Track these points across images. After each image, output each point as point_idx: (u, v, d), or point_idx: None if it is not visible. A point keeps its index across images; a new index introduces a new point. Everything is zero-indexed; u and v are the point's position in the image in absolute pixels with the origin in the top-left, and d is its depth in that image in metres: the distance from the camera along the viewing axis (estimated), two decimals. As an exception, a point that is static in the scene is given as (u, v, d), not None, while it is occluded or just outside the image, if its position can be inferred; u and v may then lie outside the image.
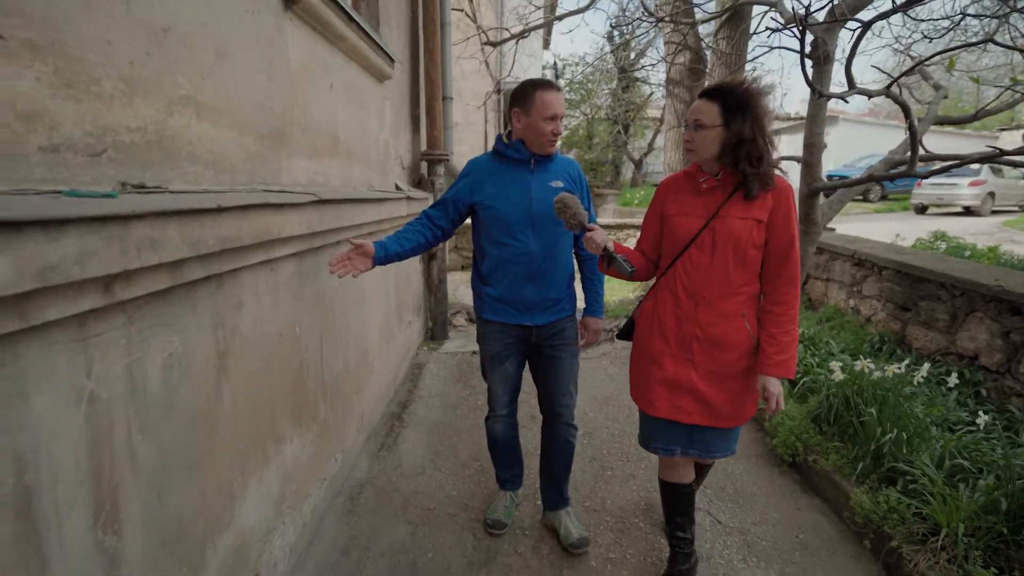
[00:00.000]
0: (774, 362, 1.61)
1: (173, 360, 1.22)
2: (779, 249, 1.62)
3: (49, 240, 0.80)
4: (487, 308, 2.03)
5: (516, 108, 1.88)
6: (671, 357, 1.72)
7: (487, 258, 2.00)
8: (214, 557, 1.40)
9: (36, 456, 0.87)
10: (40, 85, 0.96)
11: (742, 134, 1.55)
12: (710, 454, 1.79)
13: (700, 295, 1.67)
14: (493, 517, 2.20)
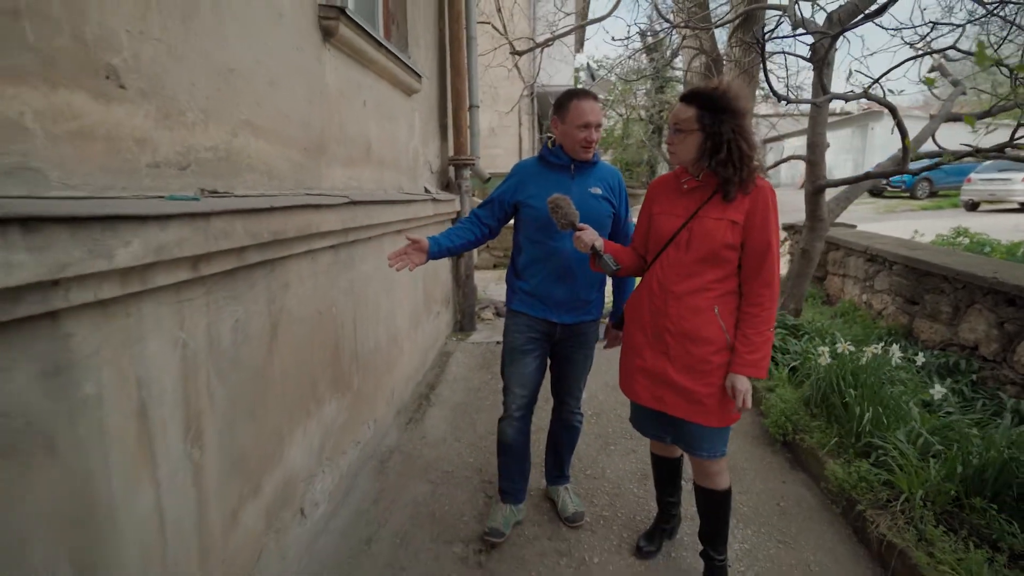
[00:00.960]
0: (745, 361, 1.62)
1: (238, 325, 1.59)
2: (755, 251, 1.63)
3: (161, 229, 1.16)
4: (517, 300, 2.12)
5: (555, 116, 1.99)
6: (649, 348, 1.78)
7: (523, 254, 2.10)
8: (268, 485, 1.76)
9: (150, 382, 1.24)
10: (147, 119, 1.33)
11: (720, 136, 1.58)
12: (693, 451, 1.79)
13: (671, 290, 1.71)
14: (492, 525, 2.16)
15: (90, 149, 1.15)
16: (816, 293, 5.21)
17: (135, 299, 1.18)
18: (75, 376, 1.05)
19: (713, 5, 5.50)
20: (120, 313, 1.15)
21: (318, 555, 2.05)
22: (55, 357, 1.01)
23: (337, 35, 2.32)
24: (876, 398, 2.47)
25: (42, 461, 0.99)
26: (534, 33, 11.45)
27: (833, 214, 4.12)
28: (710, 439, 1.76)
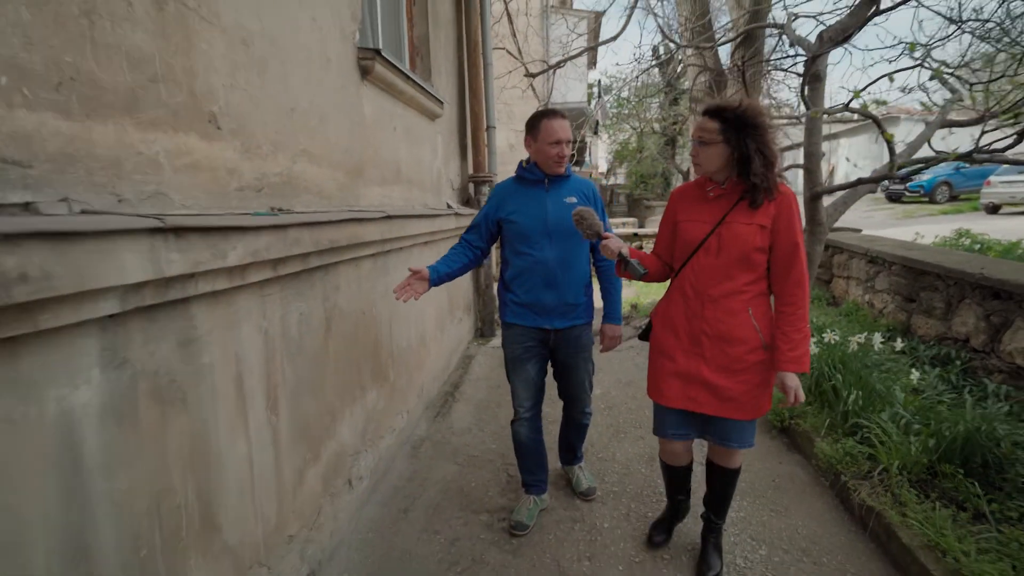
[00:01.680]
0: (788, 358, 1.70)
1: (302, 318, 1.93)
2: (783, 253, 1.71)
3: (256, 237, 1.51)
4: (510, 312, 2.24)
5: (528, 136, 2.14)
6: (682, 352, 1.84)
7: (510, 267, 2.22)
8: (325, 454, 2.09)
9: (243, 358, 1.58)
10: (235, 153, 1.69)
11: (744, 148, 1.66)
12: (724, 443, 1.88)
13: (707, 294, 1.77)
14: (516, 519, 2.30)
15: (198, 177, 1.50)
16: (823, 295, 5.41)
17: (235, 292, 1.53)
18: (198, 348, 1.39)
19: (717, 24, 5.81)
20: (225, 302, 1.50)
21: (363, 520, 2.37)
22: (187, 332, 1.35)
23: (373, 73, 2.69)
24: (860, 382, 2.71)
25: (179, 409, 1.33)
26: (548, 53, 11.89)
27: (831, 219, 4.34)
28: (741, 431, 1.86)
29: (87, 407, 1.08)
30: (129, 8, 1.27)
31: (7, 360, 0.93)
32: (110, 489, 1.13)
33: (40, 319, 0.95)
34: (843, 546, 2.16)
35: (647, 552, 2.17)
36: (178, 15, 1.42)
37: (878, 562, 2.05)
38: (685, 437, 1.95)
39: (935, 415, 2.46)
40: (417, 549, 2.20)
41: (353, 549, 2.19)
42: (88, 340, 1.08)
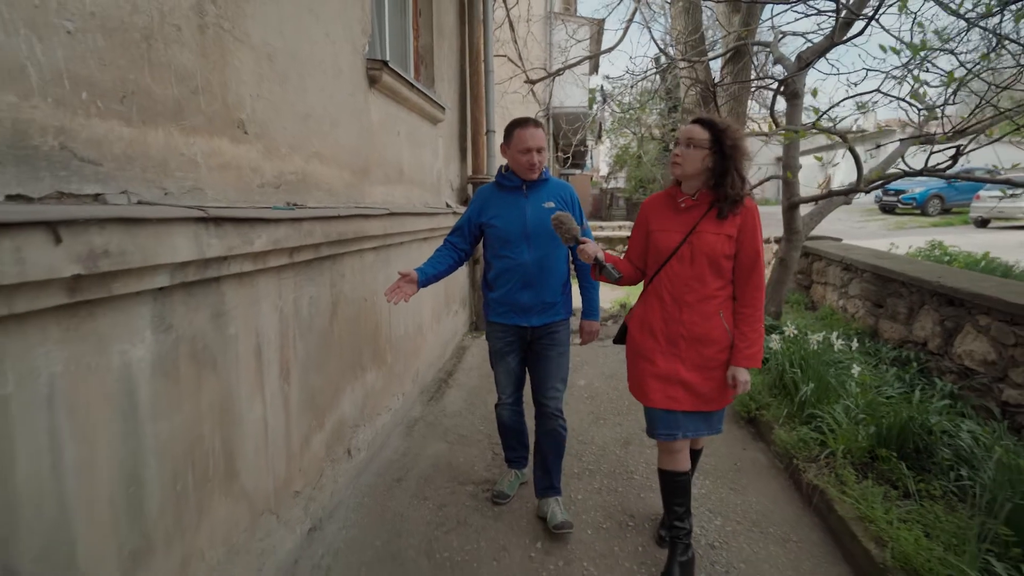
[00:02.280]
0: (744, 355, 1.85)
1: (312, 301, 2.18)
2: (747, 260, 1.86)
3: (276, 228, 1.76)
4: (492, 311, 2.36)
5: (503, 144, 2.24)
6: (661, 354, 1.94)
7: (492, 268, 2.33)
8: (328, 424, 2.34)
9: (262, 332, 1.83)
10: (258, 154, 1.93)
11: (723, 163, 1.81)
12: (697, 433, 2.01)
13: (683, 299, 1.89)
14: (499, 489, 2.54)
15: (228, 176, 1.75)
16: (802, 300, 5.67)
17: (257, 275, 1.78)
18: (226, 320, 1.64)
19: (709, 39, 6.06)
20: (249, 283, 1.75)
21: (360, 486, 2.62)
22: (218, 306, 1.60)
23: (380, 82, 2.94)
24: (817, 376, 2.96)
25: (210, 371, 1.58)
26: (549, 58, 12.15)
27: (807, 227, 4.61)
28: (709, 421, 2.02)
29: (142, 361, 1.33)
30: (179, 32, 1.52)
31: (88, 317, 1.18)
32: (156, 431, 1.38)
33: (113, 286, 1.20)
34: (789, 519, 2.41)
35: (614, 520, 2.42)
36: (216, 36, 1.67)
37: (818, 532, 2.31)
38: (671, 437, 1.99)
39: (880, 407, 2.72)
40: (408, 512, 2.45)
41: (351, 510, 2.44)
42: (144, 307, 1.33)
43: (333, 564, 2.11)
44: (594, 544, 2.26)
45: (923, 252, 6.42)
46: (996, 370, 2.99)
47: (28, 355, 1.05)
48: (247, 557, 1.78)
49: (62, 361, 1.12)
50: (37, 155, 1.11)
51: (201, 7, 1.61)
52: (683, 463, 2.05)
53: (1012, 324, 2.89)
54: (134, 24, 1.36)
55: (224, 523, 1.66)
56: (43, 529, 1.09)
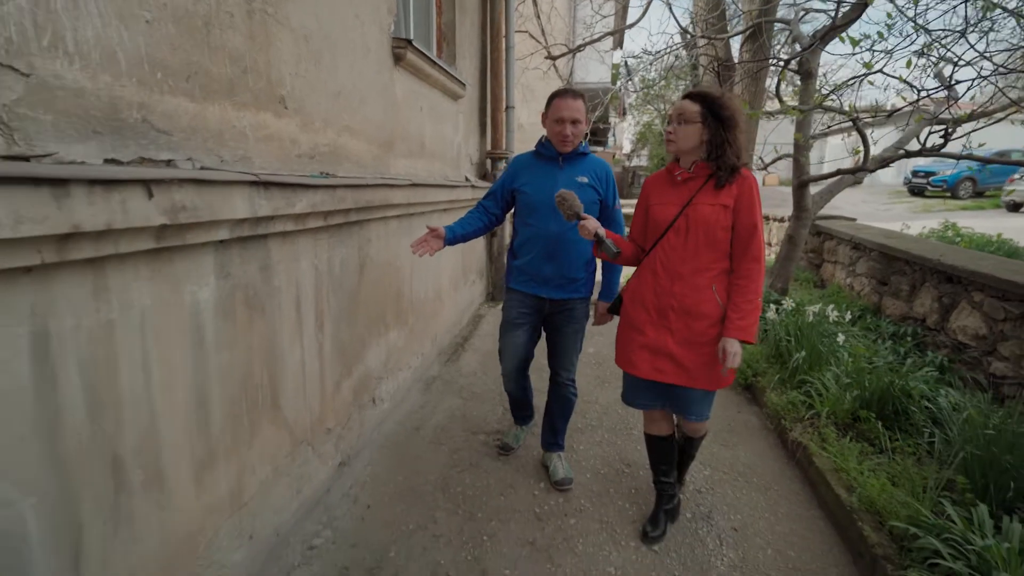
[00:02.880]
0: (736, 326, 1.80)
1: (343, 261, 2.43)
2: (744, 231, 1.83)
3: (314, 193, 1.99)
4: (513, 278, 2.39)
5: (543, 112, 2.27)
6: (651, 325, 1.95)
7: (518, 235, 2.36)
8: (356, 373, 2.61)
9: (301, 285, 2.08)
10: (296, 128, 2.16)
11: (718, 134, 1.80)
12: (684, 414, 2.03)
13: (676, 271, 1.89)
14: (504, 441, 2.76)
15: (271, 146, 1.98)
16: (811, 278, 5.77)
17: (298, 234, 2.02)
18: (272, 273, 1.89)
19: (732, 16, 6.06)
20: (290, 241, 2.00)
21: (382, 433, 2.90)
22: (265, 260, 1.85)
23: (405, 60, 3.13)
24: (809, 345, 3.14)
25: (259, 315, 1.84)
26: (572, 34, 12.07)
27: (817, 206, 4.70)
28: (699, 404, 2.00)
29: (207, 301, 1.59)
30: (231, 18, 1.73)
31: (168, 262, 1.43)
32: (218, 361, 1.65)
33: (187, 236, 1.44)
34: (773, 471, 2.63)
35: (611, 467, 2.66)
36: (262, 20, 1.88)
37: (797, 482, 2.52)
38: (650, 407, 2.09)
39: (866, 374, 2.89)
40: (426, 455, 2.73)
41: (375, 451, 2.73)
42: (208, 256, 1.58)
43: (360, 494, 2.40)
44: (591, 485, 2.51)
45: (936, 233, 6.43)
46: (986, 344, 3.13)
47: (126, 289, 1.30)
48: (288, 479, 2.07)
49: (150, 296, 1.38)
50: (125, 126, 1.35)
51: (250, -5, 1.82)
52: (665, 428, 2.17)
53: (1003, 300, 3.01)
54: (196, 12, 1.58)
55: (270, 446, 1.94)
56: (138, 431, 1.36)
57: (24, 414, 1.08)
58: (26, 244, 1.03)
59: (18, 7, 1.08)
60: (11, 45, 1.07)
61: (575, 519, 2.27)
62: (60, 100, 1.17)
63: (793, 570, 1.99)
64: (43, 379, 1.12)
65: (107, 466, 1.28)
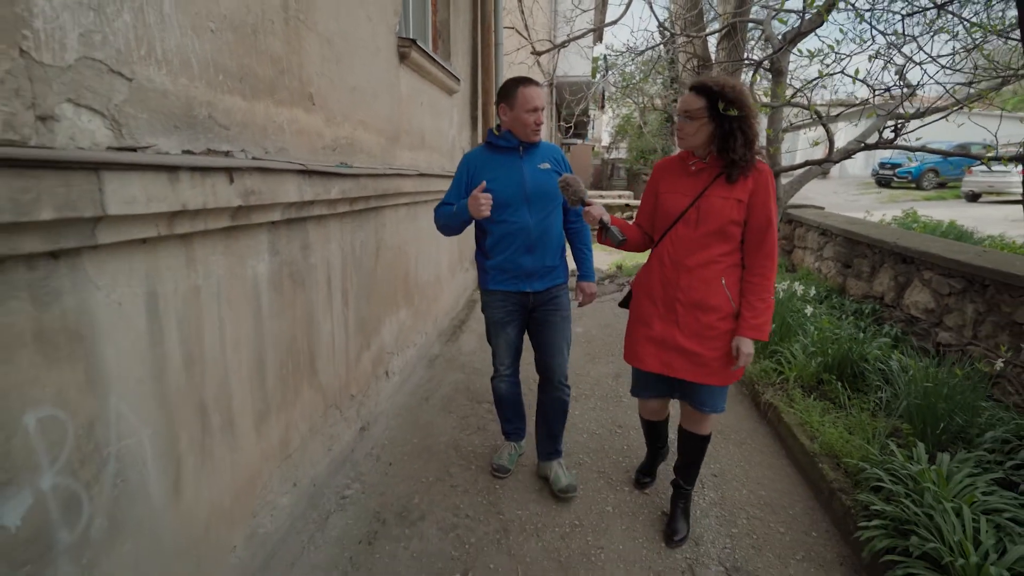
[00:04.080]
0: (750, 325, 1.76)
1: (362, 244, 2.67)
2: (758, 226, 1.76)
3: (343, 181, 2.23)
4: (491, 280, 2.28)
5: (502, 103, 2.12)
6: (659, 318, 1.89)
7: (489, 235, 2.23)
8: (373, 346, 2.86)
9: (330, 264, 2.32)
10: (321, 122, 2.38)
11: (726, 125, 1.72)
12: (698, 407, 1.97)
13: (682, 263, 1.83)
14: (498, 463, 2.51)
15: (302, 139, 2.20)
16: (784, 263, 6.16)
17: (329, 218, 2.26)
18: (309, 252, 2.13)
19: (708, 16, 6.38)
20: (323, 224, 2.23)
21: (396, 403, 3.16)
22: (305, 240, 2.09)
23: (409, 58, 3.36)
24: (779, 319, 3.48)
25: (300, 289, 2.07)
26: (554, 28, 12.31)
27: (788, 195, 5.06)
28: (712, 396, 1.94)
29: (263, 275, 1.82)
30: (273, 25, 1.96)
31: (235, 240, 1.66)
32: (271, 328, 1.89)
33: (252, 216, 1.68)
34: (748, 429, 2.96)
35: (605, 428, 2.97)
36: (295, 27, 2.11)
37: (768, 438, 2.86)
38: (661, 396, 2.09)
39: (828, 343, 3.25)
40: (437, 421, 3.00)
41: (390, 418, 2.99)
42: (264, 235, 1.82)
43: (381, 453, 2.66)
44: (588, 444, 2.81)
45: (897, 221, 6.89)
46: (934, 316, 3.51)
47: (208, 260, 1.54)
48: (321, 437, 2.32)
49: (224, 267, 1.61)
50: (196, 122, 1.57)
51: (286, 4, 2.04)
52: (661, 415, 2.23)
53: (948, 277, 3.39)
54: (247, 21, 1.80)
55: (308, 406, 2.18)
56: (216, 383, 1.60)
57: (143, 360, 1.32)
58: (150, 219, 1.26)
59: (124, 23, 1.31)
60: (120, 55, 1.29)
61: (576, 470, 2.56)
62: (152, 100, 1.40)
63: (764, 505, 2.32)
64: (154, 332, 1.36)
65: (196, 410, 1.52)
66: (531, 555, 2.02)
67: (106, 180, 1.11)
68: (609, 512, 2.27)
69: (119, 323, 1.25)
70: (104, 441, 1.21)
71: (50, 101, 1.10)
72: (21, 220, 0.95)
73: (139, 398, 1.32)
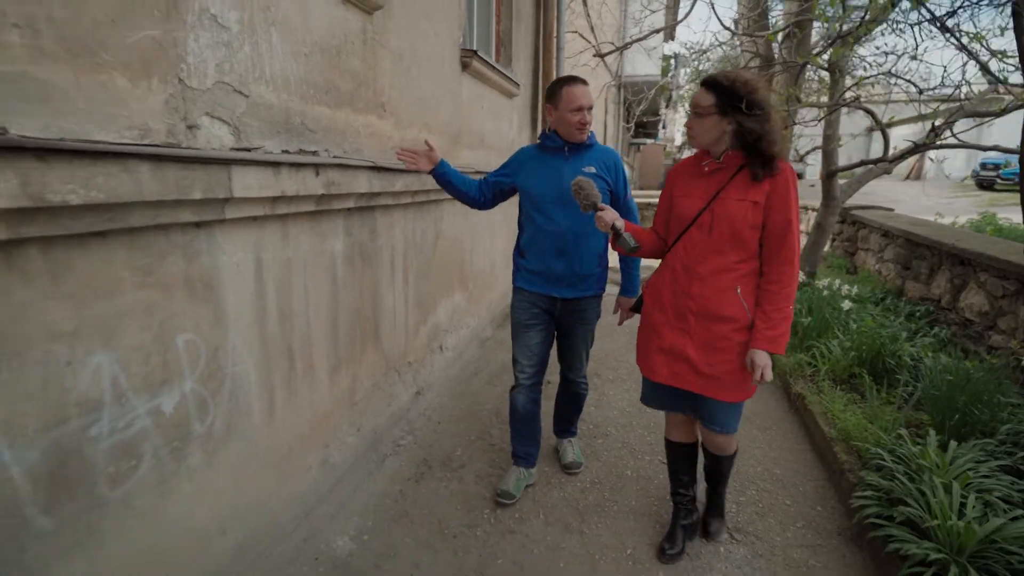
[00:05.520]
0: (764, 337, 1.64)
1: (423, 232, 3.07)
2: (775, 230, 1.65)
3: (406, 176, 2.63)
4: (521, 278, 2.27)
5: (548, 104, 2.12)
6: (669, 327, 1.81)
7: (524, 233, 2.26)
8: (430, 322, 3.26)
9: (393, 247, 2.73)
10: (391, 126, 2.79)
11: (740, 121, 1.61)
12: (707, 425, 1.89)
13: (695, 270, 1.73)
14: (503, 488, 2.30)
15: (374, 140, 2.61)
16: (844, 264, 6.03)
17: (393, 208, 2.67)
18: (376, 235, 2.54)
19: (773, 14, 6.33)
20: (388, 213, 2.64)
21: (448, 375, 3.55)
22: (372, 226, 2.50)
23: (470, 67, 3.73)
24: (818, 314, 3.55)
25: (368, 267, 2.49)
26: (623, 27, 12.38)
27: (845, 195, 5.01)
28: (723, 414, 1.83)
29: (338, 252, 2.24)
30: (353, 46, 2.37)
31: (318, 222, 2.08)
32: (344, 296, 2.31)
33: (332, 203, 2.09)
34: (774, 416, 3.09)
35: (634, 407, 3.20)
36: (372, 46, 2.52)
37: (793, 424, 2.99)
38: (675, 410, 1.98)
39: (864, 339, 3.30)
40: (483, 392, 3.35)
41: (442, 387, 3.38)
42: (340, 220, 2.24)
43: (432, 415, 3.05)
44: (617, 419, 3.07)
45: (972, 224, 6.51)
46: (988, 319, 3.45)
47: (297, 236, 1.96)
48: (381, 394, 2.73)
49: (309, 244, 2.04)
50: (292, 128, 1.99)
51: (365, 28, 2.45)
52: (689, 436, 2.04)
53: (1003, 279, 3.33)
54: (332, 44, 2.22)
55: (372, 366, 2.60)
56: (301, 335, 2.03)
57: (251, 309, 1.75)
58: (259, 202, 1.69)
59: (245, 54, 1.73)
60: (241, 78, 1.72)
61: (602, 440, 2.83)
62: (261, 111, 1.82)
63: (776, 480, 2.49)
64: (259, 289, 1.79)
65: (286, 354, 1.95)
66: (552, 502, 2.32)
67: (233, 172, 1.54)
68: (627, 475, 2.52)
69: (236, 279, 1.68)
70: (224, 364, 1.65)
71: (194, 114, 1.53)
72: (182, 198, 1.38)
73: (247, 338, 1.75)
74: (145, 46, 1.35)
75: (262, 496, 1.88)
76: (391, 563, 1.96)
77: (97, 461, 1.28)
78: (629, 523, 2.20)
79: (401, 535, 2.10)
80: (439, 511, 2.25)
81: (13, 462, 1.11)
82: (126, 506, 1.37)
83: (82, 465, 1.25)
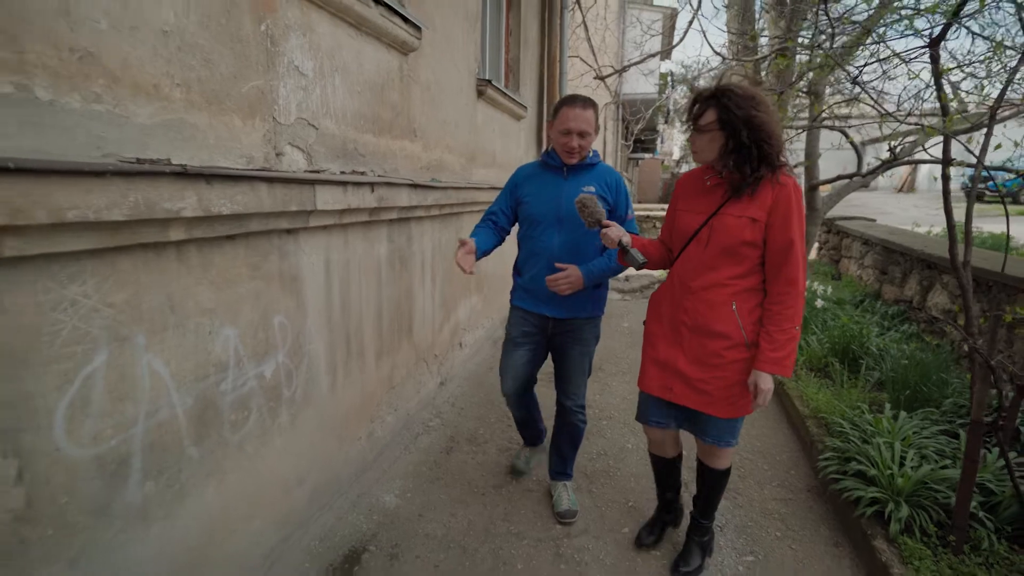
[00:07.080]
0: (768, 359, 1.60)
1: (447, 240, 3.49)
2: (777, 248, 1.61)
3: (435, 192, 3.06)
4: (516, 296, 2.31)
5: (550, 122, 2.15)
6: (664, 340, 1.82)
7: (521, 250, 2.28)
8: (451, 320, 3.67)
9: (424, 253, 3.15)
10: (421, 148, 3.22)
11: (739, 137, 1.58)
12: (702, 438, 1.87)
13: (688, 285, 1.74)
14: (515, 464, 2.63)
15: (407, 161, 3.05)
16: (830, 271, 6.45)
17: (424, 219, 3.09)
18: (411, 243, 2.96)
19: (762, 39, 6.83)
20: (420, 224, 3.07)
21: (466, 368, 3.95)
22: (408, 235, 2.92)
23: (485, 94, 4.19)
24: (807, 314, 3.96)
25: (405, 269, 2.91)
26: (622, 51, 12.96)
27: (827, 206, 5.44)
28: (719, 428, 1.80)
29: (383, 256, 2.66)
30: (393, 82, 2.81)
31: (369, 230, 2.50)
32: (387, 293, 2.72)
33: (381, 215, 2.52)
34: (758, 402, 3.49)
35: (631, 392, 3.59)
36: (406, 81, 2.96)
37: (775, 407, 3.38)
38: (664, 425, 1.94)
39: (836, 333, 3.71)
40: (498, 385, 3.73)
41: (462, 379, 3.78)
42: (384, 229, 2.66)
43: (456, 401, 3.45)
44: (619, 405, 3.46)
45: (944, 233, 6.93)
46: (950, 316, 3.86)
47: (354, 242, 2.38)
48: (413, 381, 3.13)
49: (362, 248, 2.46)
50: (347, 153, 2.42)
51: (401, 66, 2.90)
52: (670, 451, 2.04)
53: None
54: (378, 82, 2.66)
55: (406, 355, 3.00)
56: (354, 323, 2.43)
57: (321, 300, 2.17)
58: (330, 214, 2.11)
59: (316, 95, 2.17)
60: (314, 114, 2.15)
61: (607, 421, 3.22)
62: (325, 140, 2.25)
63: (756, 451, 2.88)
64: (327, 284, 2.20)
65: (345, 338, 2.36)
66: (565, 469, 2.71)
67: (317, 190, 1.96)
68: (628, 448, 2.92)
69: (312, 275, 2.10)
70: (304, 343, 2.06)
71: (281, 144, 1.96)
72: (283, 210, 1.80)
73: (318, 323, 2.16)
74: (252, 94, 1.78)
75: (327, 457, 2.28)
76: (432, 512, 2.35)
77: (224, 410, 1.69)
78: (630, 484, 2.59)
79: (438, 493, 2.49)
80: (469, 475, 2.64)
81: (178, 403, 1.51)
82: (240, 449, 1.77)
83: (215, 412, 1.65)
